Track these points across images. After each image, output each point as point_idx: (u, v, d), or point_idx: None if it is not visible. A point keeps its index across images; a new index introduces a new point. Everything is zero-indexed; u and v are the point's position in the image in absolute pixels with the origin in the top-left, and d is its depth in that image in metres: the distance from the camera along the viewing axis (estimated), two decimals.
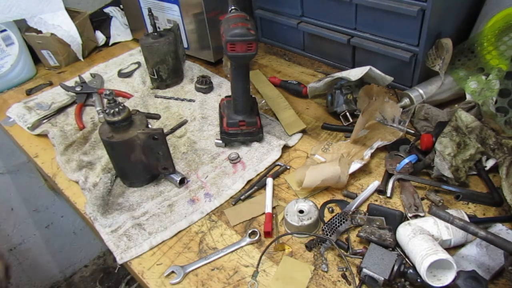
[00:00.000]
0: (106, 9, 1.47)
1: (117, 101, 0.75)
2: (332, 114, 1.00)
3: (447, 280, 0.57)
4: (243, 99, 0.87)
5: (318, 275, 0.66)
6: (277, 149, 0.90)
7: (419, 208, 0.73)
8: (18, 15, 1.22)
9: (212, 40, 1.18)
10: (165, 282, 0.68)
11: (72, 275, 1.83)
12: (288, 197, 0.81)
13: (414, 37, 0.93)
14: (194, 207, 0.80)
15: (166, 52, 1.10)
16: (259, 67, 1.24)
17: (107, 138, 0.76)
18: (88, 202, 0.81)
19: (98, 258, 1.90)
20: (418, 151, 0.82)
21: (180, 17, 1.19)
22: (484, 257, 0.64)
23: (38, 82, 1.28)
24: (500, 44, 0.91)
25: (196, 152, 0.93)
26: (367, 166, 0.84)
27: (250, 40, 0.75)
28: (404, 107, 0.94)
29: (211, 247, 0.73)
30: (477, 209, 0.74)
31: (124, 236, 0.75)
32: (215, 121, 1.01)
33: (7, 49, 1.22)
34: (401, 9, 0.90)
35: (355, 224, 0.71)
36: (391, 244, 0.65)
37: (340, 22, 1.07)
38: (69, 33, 1.28)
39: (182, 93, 1.14)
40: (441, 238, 0.64)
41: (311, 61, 1.23)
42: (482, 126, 0.79)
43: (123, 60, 1.32)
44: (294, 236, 0.73)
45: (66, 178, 0.90)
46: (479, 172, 0.79)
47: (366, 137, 0.88)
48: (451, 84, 0.95)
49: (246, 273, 0.67)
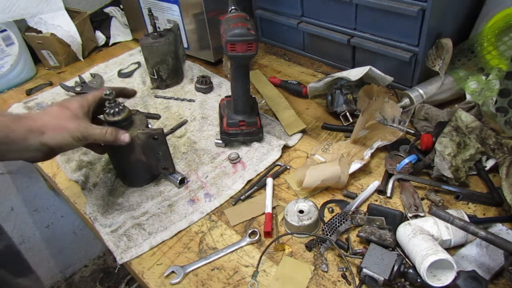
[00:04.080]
0: (106, 9, 1.47)
1: (117, 101, 0.75)
2: (332, 114, 1.00)
3: (447, 280, 0.57)
4: (243, 99, 0.87)
5: (318, 275, 0.66)
6: (277, 149, 0.90)
7: (419, 208, 0.73)
8: (18, 15, 1.22)
9: (212, 40, 1.18)
10: (165, 282, 0.68)
11: (72, 275, 1.82)
12: (288, 197, 0.81)
13: (414, 37, 0.93)
14: (194, 207, 0.80)
15: (166, 52, 1.10)
16: (259, 67, 1.24)
17: None
18: (88, 202, 0.81)
19: (98, 258, 1.90)
20: (418, 151, 0.82)
21: (180, 17, 1.19)
22: (484, 257, 0.64)
23: (38, 82, 1.28)
24: (500, 44, 0.91)
25: (196, 152, 0.93)
26: (367, 166, 0.84)
27: (250, 40, 0.75)
28: (404, 107, 0.94)
29: (211, 247, 0.73)
30: (477, 209, 0.74)
31: (124, 236, 0.75)
32: (215, 121, 1.01)
33: (7, 49, 1.22)
34: (401, 9, 0.90)
35: (355, 224, 0.71)
36: (391, 244, 0.65)
37: (340, 22, 1.07)
38: (69, 33, 1.28)
39: (182, 93, 1.14)
40: (441, 238, 0.64)
41: (311, 61, 1.23)
42: (482, 126, 0.79)
43: (123, 60, 1.32)
44: (294, 236, 0.73)
45: (66, 178, 0.90)
46: (479, 172, 0.79)
47: (366, 137, 0.88)
48: (451, 84, 0.95)
49: (246, 273, 0.67)
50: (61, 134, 0.66)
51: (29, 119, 0.66)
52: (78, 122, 0.68)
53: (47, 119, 0.67)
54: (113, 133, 0.72)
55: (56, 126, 0.66)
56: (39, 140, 0.65)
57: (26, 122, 0.65)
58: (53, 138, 0.66)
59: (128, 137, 0.74)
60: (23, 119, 0.66)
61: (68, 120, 0.67)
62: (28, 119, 0.66)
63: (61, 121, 0.67)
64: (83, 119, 0.69)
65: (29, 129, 0.64)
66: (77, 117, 0.68)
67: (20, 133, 0.64)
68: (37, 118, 0.66)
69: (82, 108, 0.70)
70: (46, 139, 0.65)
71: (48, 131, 0.66)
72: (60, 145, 0.67)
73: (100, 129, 0.70)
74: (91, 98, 0.73)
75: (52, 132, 0.66)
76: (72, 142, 0.68)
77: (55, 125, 0.66)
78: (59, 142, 0.67)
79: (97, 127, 0.70)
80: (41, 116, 0.67)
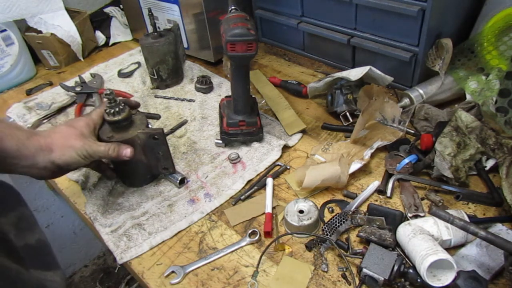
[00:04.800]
0: (106, 9, 1.47)
1: (117, 100, 0.75)
2: (332, 114, 1.00)
3: (447, 280, 0.57)
4: (243, 99, 0.87)
5: (318, 275, 0.66)
6: (277, 149, 0.90)
7: (419, 208, 0.73)
8: (18, 15, 1.22)
9: (212, 40, 1.18)
10: (165, 282, 0.68)
11: (72, 275, 1.82)
12: (288, 197, 0.81)
13: (414, 37, 0.93)
14: (194, 207, 0.80)
15: (166, 52, 1.10)
16: (259, 67, 1.24)
17: (107, 138, 0.76)
18: (88, 202, 0.81)
19: (98, 258, 1.90)
20: (418, 151, 0.82)
21: (180, 17, 1.19)
22: (484, 257, 0.64)
23: (38, 82, 1.28)
24: (500, 44, 0.91)
25: (196, 152, 0.93)
26: (367, 166, 0.84)
27: (250, 40, 0.75)
28: (404, 107, 0.94)
29: (211, 247, 0.73)
30: (477, 209, 0.74)
31: (124, 236, 0.75)
32: (215, 121, 1.01)
33: (7, 49, 1.22)
34: (401, 9, 0.90)
35: (355, 224, 0.71)
36: (391, 244, 0.65)
37: (340, 22, 1.07)
38: (69, 33, 1.28)
39: (182, 93, 1.14)
40: (441, 238, 0.64)
41: (311, 61, 1.23)
42: (482, 126, 0.79)
43: (123, 60, 1.32)
44: (294, 236, 0.73)
45: (66, 178, 0.90)
46: (479, 172, 0.79)
47: (366, 137, 0.88)
48: (451, 84, 0.95)
49: (246, 273, 0.67)
50: (68, 153, 0.69)
51: (40, 137, 0.68)
52: (84, 141, 0.71)
53: (55, 137, 0.69)
54: (116, 149, 0.74)
55: (64, 144, 0.69)
56: (48, 157, 0.68)
57: (38, 139, 0.67)
58: (60, 156, 0.68)
59: (130, 152, 0.75)
60: (35, 135, 0.68)
61: (75, 138, 0.70)
62: (40, 136, 0.69)
63: (68, 140, 0.70)
64: (89, 137, 0.72)
65: (39, 146, 0.67)
66: (83, 135, 0.71)
67: (31, 150, 0.66)
68: (46, 136, 0.69)
69: (88, 127, 0.73)
70: (54, 157, 0.68)
71: (56, 149, 0.68)
72: (67, 163, 0.70)
73: (104, 146, 0.73)
74: (96, 116, 0.76)
75: (59, 150, 0.69)
76: (79, 160, 0.70)
77: (62, 144, 0.69)
78: (66, 160, 0.69)
79: (101, 144, 0.73)
80: (50, 134, 0.70)
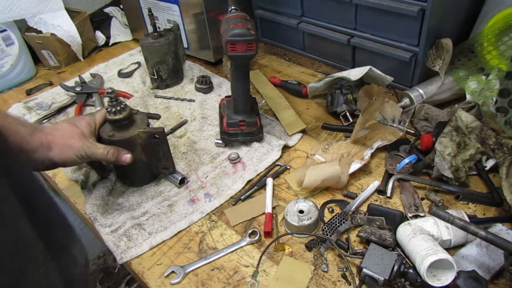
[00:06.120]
0: (106, 9, 1.47)
1: (119, 99, 0.75)
2: (332, 114, 1.00)
3: (447, 280, 0.57)
4: (243, 99, 0.87)
5: (318, 275, 0.66)
6: (277, 149, 0.90)
7: (419, 208, 0.73)
8: (18, 15, 1.23)
9: (212, 40, 1.18)
10: (165, 282, 0.68)
11: None
12: (288, 197, 0.81)
13: (414, 37, 0.93)
14: (194, 207, 0.80)
15: (166, 52, 1.10)
16: (259, 67, 1.24)
17: (108, 137, 0.76)
18: (88, 202, 0.81)
19: (98, 258, 1.89)
20: (418, 151, 0.82)
21: (180, 17, 1.19)
22: (484, 257, 0.64)
23: (38, 82, 1.28)
24: (500, 44, 0.91)
25: (196, 152, 0.93)
26: (367, 166, 0.84)
27: (250, 40, 0.75)
28: (404, 107, 0.94)
29: (211, 247, 0.73)
30: (477, 209, 0.74)
31: (124, 236, 0.75)
32: (215, 121, 1.01)
33: (7, 49, 1.22)
34: (401, 9, 0.90)
35: (355, 224, 0.71)
36: (391, 244, 0.65)
37: (340, 22, 1.07)
38: (69, 33, 1.28)
39: (182, 93, 1.14)
40: (441, 238, 0.64)
41: (311, 61, 1.23)
42: (482, 126, 0.79)
43: (123, 60, 1.32)
44: (294, 236, 0.73)
45: (66, 178, 0.90)
46: (479, 172, 0.79)
47: (366, 137, 0.88)
48: (451, 84, 0.95)
49: (246, 273, 0.67)
50: (66, 152, 0.70)
51: (43, 134, 0.69)
52: (83, 141, 0.71)
53: (57, 135, 0.70)
54: (115, 153, 0.74)
55: (63, 144, 0.70)
56: (46, 154, 0.69)
57: (40, 137, 0.68)
58: (58, 155, 0.70)
59: (129, 158, 0.76)
60: (38, 132, 0.69)
61: (75, 138, 0.71)
62: (42, 133, 0.69)
63: (69, 139, 0.71)
64: (89, 138, 0.73)
65: (40, 143, 0.68)
66: (83, 135, 0.72)
67: (32, 146, 0.67)
68: (48, 133, 0.70)
69: (89, 127, 0.74)
70: (52, 155, 0.69)
71: (55, 147, 0.69)
72: (64, 162, 0.71)
73: (103, 148, 0.73)
74: (99, 117, 0.77)
75: (58, 149, 0.70)
76: (76, 160, 0.72)
77: (62, 143, 0.70)
78: (63, 159, 0.70)
79: (100, 146, 0.73)
80: (52, 131, 0.71)
